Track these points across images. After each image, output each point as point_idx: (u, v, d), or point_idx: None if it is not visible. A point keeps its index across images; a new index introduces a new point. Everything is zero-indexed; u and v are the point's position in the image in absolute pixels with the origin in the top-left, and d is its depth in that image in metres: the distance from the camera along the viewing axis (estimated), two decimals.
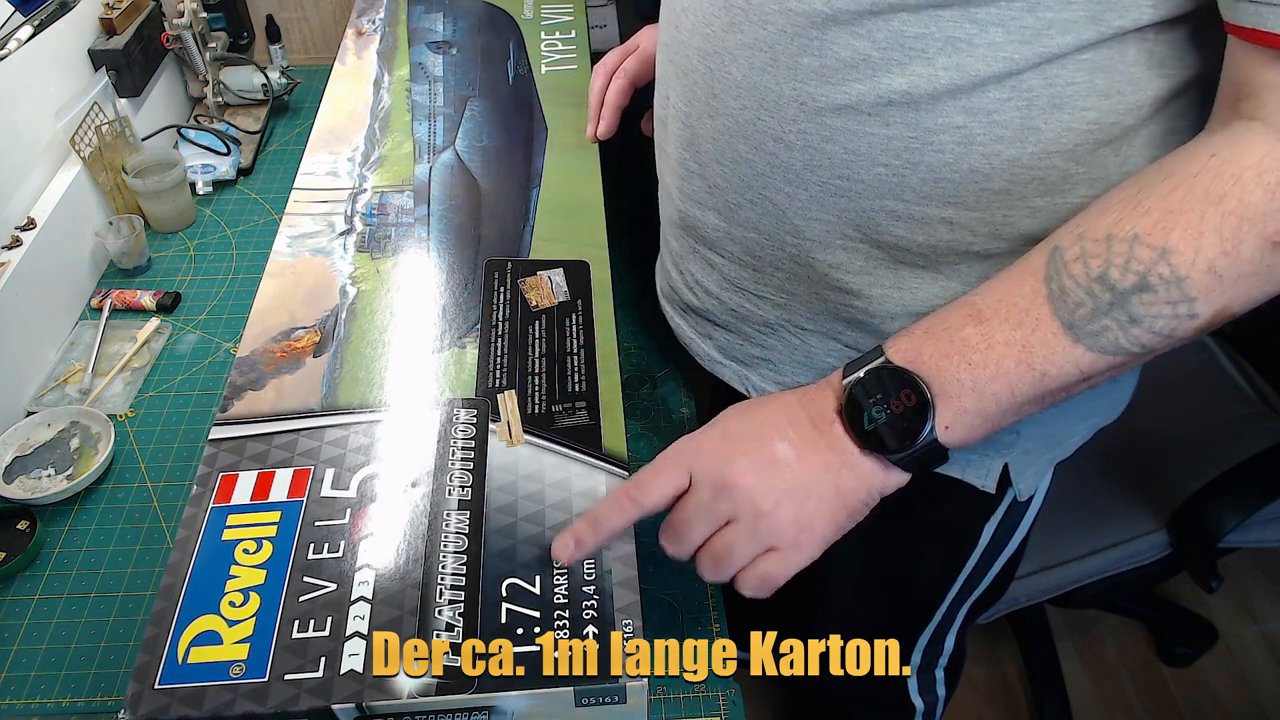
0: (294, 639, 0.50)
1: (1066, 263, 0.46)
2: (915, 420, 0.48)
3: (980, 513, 0.71)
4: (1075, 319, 0.46)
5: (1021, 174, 0.51)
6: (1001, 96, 0.49)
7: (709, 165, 0.61)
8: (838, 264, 0.58)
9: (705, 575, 0.52)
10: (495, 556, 0.53)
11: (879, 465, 0.50)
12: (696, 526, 0.51)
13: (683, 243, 0.68)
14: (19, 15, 0.93)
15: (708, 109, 0.58)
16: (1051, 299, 0.46)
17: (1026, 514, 0.73)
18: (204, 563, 0.53)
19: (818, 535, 0.51)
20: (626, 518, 0.52)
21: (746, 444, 0.51)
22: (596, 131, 0.84)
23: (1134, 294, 0.44)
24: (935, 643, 0.86)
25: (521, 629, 0.50)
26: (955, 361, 0.48)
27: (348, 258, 0.74)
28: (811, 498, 0.50)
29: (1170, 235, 0.43)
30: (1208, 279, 0.43)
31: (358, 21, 1.03)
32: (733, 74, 0.55)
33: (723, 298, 0.67)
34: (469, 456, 0.59)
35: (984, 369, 0.47)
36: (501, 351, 0.66)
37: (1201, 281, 0.43)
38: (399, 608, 0.51)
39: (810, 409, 0.52)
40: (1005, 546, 0.76)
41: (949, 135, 0.50)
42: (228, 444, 0.60)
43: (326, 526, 0.55)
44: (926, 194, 0.53)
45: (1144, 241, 0.44)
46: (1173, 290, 0.44)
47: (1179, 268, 0.43)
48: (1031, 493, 0.69)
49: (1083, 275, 0.45)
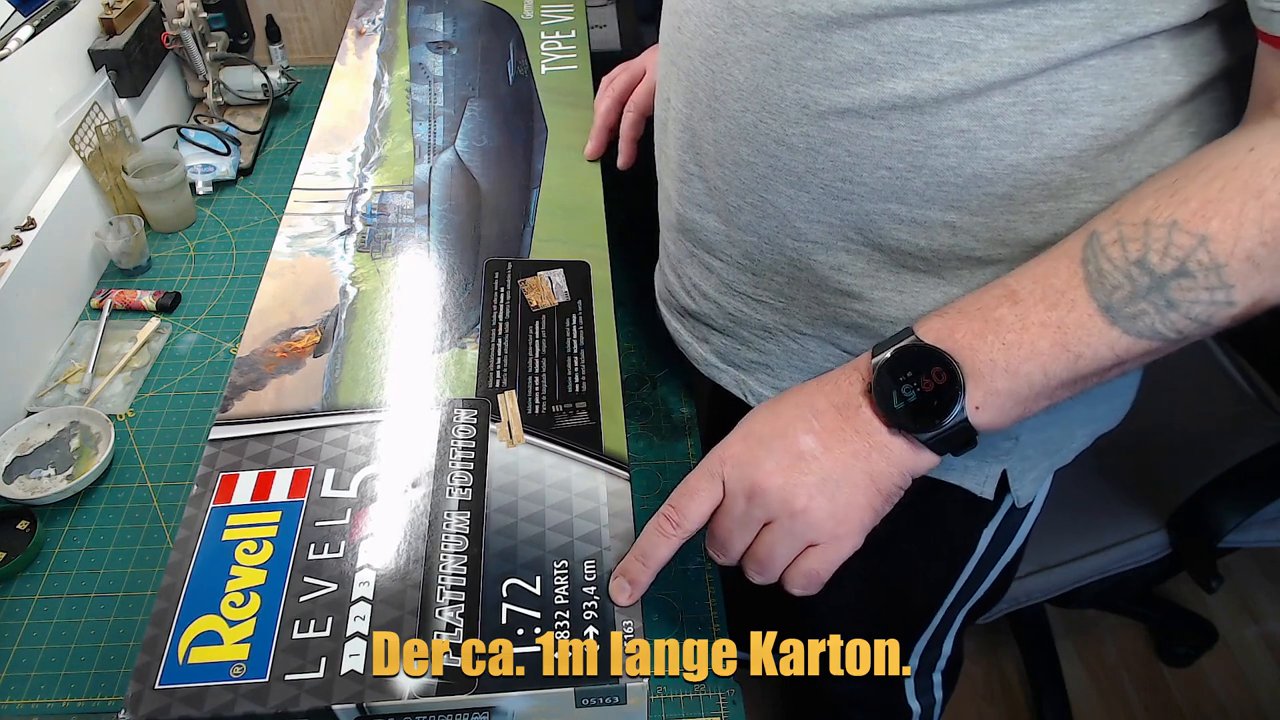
0: (294, 639, 0.50)
1: (1104, 245, 0.46)
2: (946, 399, 0.47)
3: (978, 519, 0.71)
4: (1113, 301, 0.45)
5: (1025, 179, 0.51)
6: (1006, 101, 0.49)
7: (709, 168, 0.60)
8: (839, 267, 0.58)
9: (754, 579, 0.52)
10: (496, 557, 0.53)
11: (909, 446, 0.50)
12: (737, 536, 0.51)
13: (681, 246, 0.68)
14: (19, 15, 0.93)
15: (709, 111, 0.58)
16: (1089, 281, 0.46)
17: (1024, 522, 0.73)
18: (204, 563, 0.53)
19: (856, 524, 0.50)
20: (671, 545, 0.51)
21: (771, 443, 0.51)
22: (618, 163, 0.84)
23: (1173, 279, 0.44)
24: (933, 646, 0.86)
25: (522, 629, 0.50)
26: (989, 341, 0.47)
27: (348, 258, 0.74)
28: (844, 487, 0.49)
29: (1210, 224, 0.43)
30: (1246, 267, 0.43)
31: (358, 21, 1.03)
32: (735, 76, 0.55)
33: (721, 302, 0.66)
34: (469, 457, 0.59)
35: (1018, 349, 0.47)
36: (502, 352, 0.66)
37: (1240, 270, 0.43)
38: (399, 608, 0.51)
39: (835, 396, 0.51)
40: (1002, 554, 0.76)
41: (953, 139, 0.50)
42: (228, 444, 0.60)
43: (327, 527, 0.55)
44: (929, 198, 0.53)
45: (1183, 228, 0.44)
46: (1211, 277, 0.44)
47: (1218, 255, 0.43)
48: (1029, 500, 0.68)
49: (1121, 258, 0.45)
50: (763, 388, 0.68)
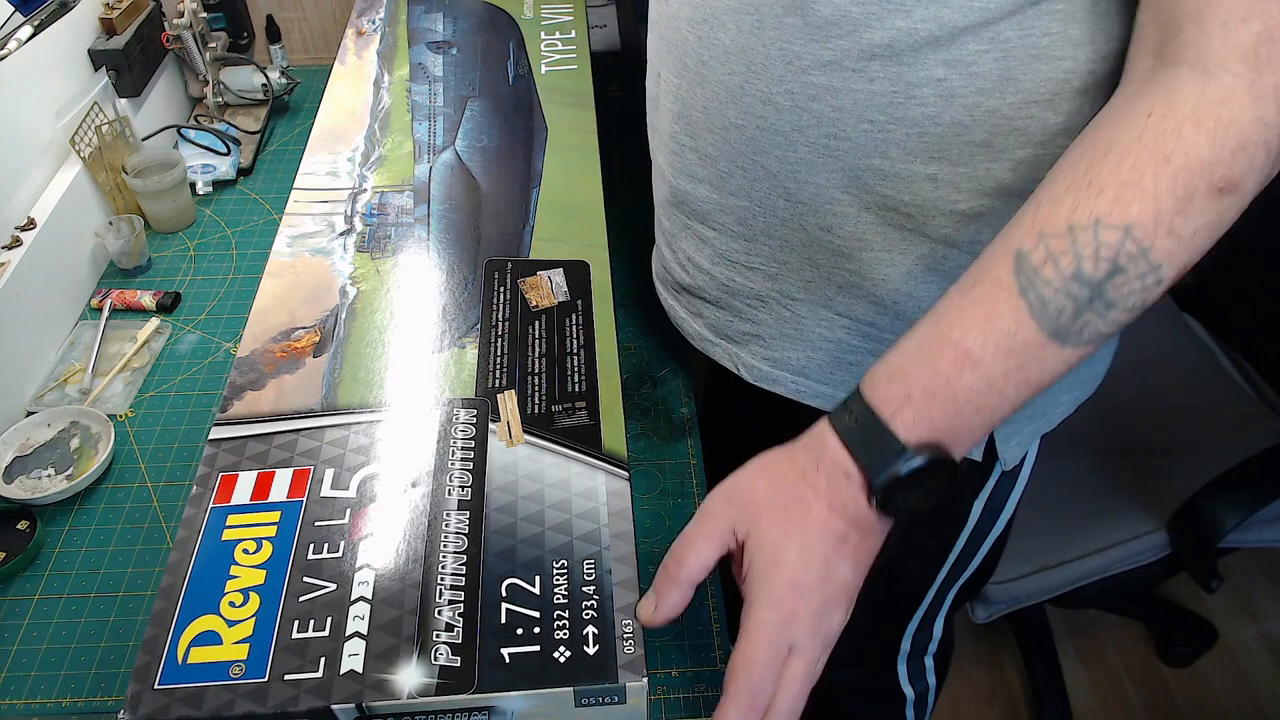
0: (294, 639, 0.50)
1: (1036, 268, 0.45)
2: (943, 480, 0.48)
3: (969, 488, 0.72)
4: (1060, 325, 0.45)
5: (1002, 125, 0.53)
6: (979, 48, 0.50)
7: (700, 135, 0.62)
8: (829, 227, 0.60)
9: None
10: (495, 557, 0.53)
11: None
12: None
13: (674, 220, 0.69)
14: (19, 15, 0.93)
15: (698, 78, 0.60)
16: (1034, 314, 0.45)
17: (1013, 491, 0.74)
18: (204, 563, 0.54)
19: (848, 604, 0.51)
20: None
21: (822, 589, 0.50)
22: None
23: (1108, 280, 0.44)
24: (924, 629, 0.87)
25: (521, 629, 0.50)
26: (967, 415, 0.47)
27: (348, 258, 0.74)
28: (839, 607, 0.50)
29: (1130, 210, 0.43)
30: (1169, 242, 0.43)
31: (358, 21, 1.03)
32: (721, 40, 0.57)
33: (714, 273, 0.68)
34: (469, 457, 0.59)
35: (992, 409, 0.47)
36: (501, 351, 0.66)
37: (1164, 247, 0.44)
38: (399, 608, 0.51)
39: (845, 512, 0.50)
40: (993, 526, 0.77)
41: (930, 88, 0.52)
42: (228, 444, 0.60)
43: (326, 526, 0.55)
44: (911, 150, 0.54)
45: (1106, 224, 0.44)
46: (1140, 263, 0.44)
47: (1143, 240, 0.43)
48: (1017, 461, 0.69)
49: (1057, 278, 0.45)
50: (755, 360, 0.69)
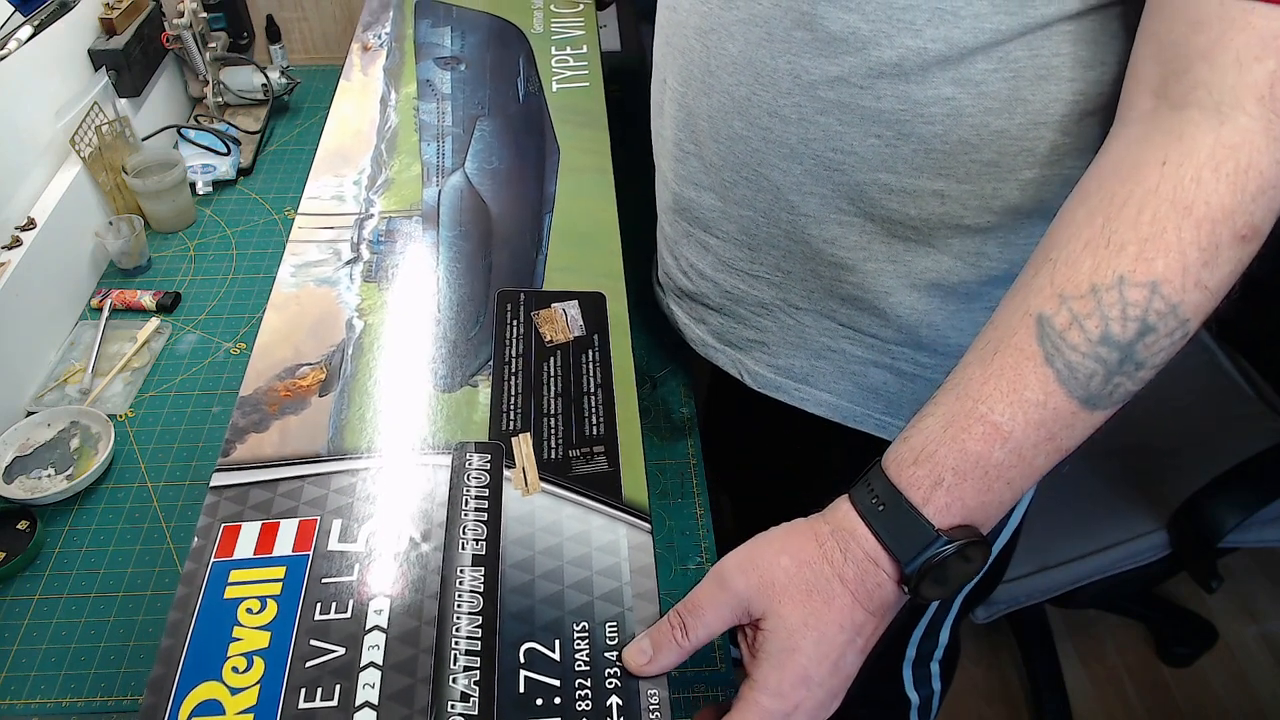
0: (300, 709, 0.46)
1: (1060, 333, 0.43)
2: (978, 561, 0.46)
3: None
4: (1090, 391, 0.43)
5: (1010, 145, 0.52)
6: (989, 68, 0.50)
7: (705, 144, 0.61)
8: (832, 239, 0.59)
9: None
10: (512, 618, 0.49)
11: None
12: None
13: (677, 227, 0.69)
14: (19, 15, 0.93)
15: (704, 87, 0.59)
16: (1062, 381, 0.43)
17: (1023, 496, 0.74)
18: (205, 623, 0.49)
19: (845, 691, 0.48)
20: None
21: (829, 682, 0.46)
22: None
23: (1138, 341, 0.42)
24: (930, 636, 0.86)
25: (541, 699, 0.46)
26: (998, 491, 0.45)
27: (354, 288, 0.70)
28: (839, 697, 0.47)
29: (1155, 266, 0.41)
30: (1197, 295, 0.42)
31: (363, 36, 0.99)
32: (729, 50, 0.56)
33: (717, 280, 0.67)
34: (483, 507, 0.55)
35: (1022, 481, 0.45)
36: (515, 390, 0.62)
37: (1192, 300, 0.42)
38: (411, 675, 0.47)
39: (870, 601, 0.46)
40: (1001, 531, 0.77)
41: (939, 107, 0.51)
42: (230, 491, 0.56)
43: (334, 584, 0.51)
44: (918, 165, 0.54)
45: (1131, 281, 0.42)
46: (1170, 320, 0.42)
47: (1171, 296, 0.41)
48: None
49: (1083, 343, 0.43)
50: (759, 366, 0.69)
